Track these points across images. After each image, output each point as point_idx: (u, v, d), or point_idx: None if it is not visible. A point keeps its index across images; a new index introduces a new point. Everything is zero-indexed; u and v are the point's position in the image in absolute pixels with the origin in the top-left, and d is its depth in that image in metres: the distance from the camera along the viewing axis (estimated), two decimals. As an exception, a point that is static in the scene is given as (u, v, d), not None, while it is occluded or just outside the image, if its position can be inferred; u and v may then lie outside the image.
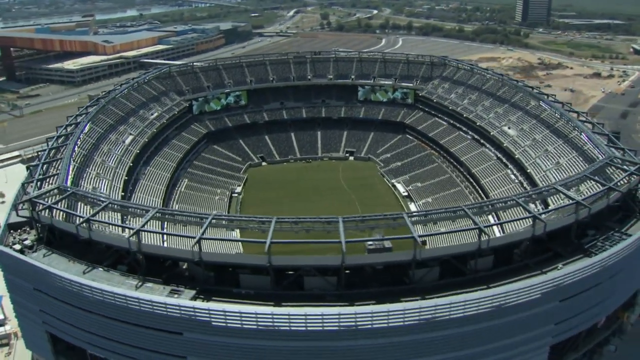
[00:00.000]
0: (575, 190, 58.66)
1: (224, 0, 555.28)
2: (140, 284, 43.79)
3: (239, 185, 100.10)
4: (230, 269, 44.36)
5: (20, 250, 49.21)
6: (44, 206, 50.10)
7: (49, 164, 63.25)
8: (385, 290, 43.35)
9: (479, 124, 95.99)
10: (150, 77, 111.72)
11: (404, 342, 39.99)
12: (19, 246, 49.90)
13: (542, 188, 55.36)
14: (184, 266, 48.25)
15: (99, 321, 44.39)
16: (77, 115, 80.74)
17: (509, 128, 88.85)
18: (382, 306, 39.00)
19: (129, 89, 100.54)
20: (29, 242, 50.76)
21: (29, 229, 52.94)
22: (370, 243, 44.27)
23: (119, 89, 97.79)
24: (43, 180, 58.05)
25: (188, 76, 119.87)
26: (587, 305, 47.30)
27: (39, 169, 59.76)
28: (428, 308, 39.19)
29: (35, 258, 47.80)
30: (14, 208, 53.11)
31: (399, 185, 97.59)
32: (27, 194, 53.11)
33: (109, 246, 47.24)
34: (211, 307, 40.28)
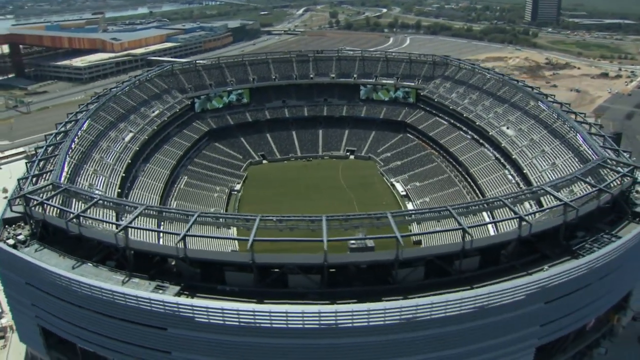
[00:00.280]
0: (570, 191, 58.50)
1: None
2: (126, 279, 44.43)
3: (239, 183, 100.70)
4: (216, 266, 44.64)
5: (13, 245, 50.08)
6: (36, 202, 50.90)
7: (46, 161, 64.20)
8: (368, 289, 43.54)
9: (478, 123, 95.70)
10: (153, 75, 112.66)
11: (385, 342, 40.25)
12: (12, 241, 50.77)
13: (531, 189, 55.19)
14: (173, 262, 48.76)
15: (87, 315, 45.17)
16: (77, 113, 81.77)
17: (507, 128, 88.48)
18: (363, 305, 39.25)
19: (130, 86, 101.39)
20: (22, 237, 51.64)
21: (23, 224, 53.84)
22: (353, 242, 44.47)
23: (120, 86, 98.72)
24: (39, 176, 59.00)
25: (191, 74, 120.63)
26: (574, 307, 47.15)
27: (34, 165, 60.71)
28: (409, 308, 39.39)
29: (27, 253, 48.63)
30: (9, 204, 53.96)
31: (398, 185, 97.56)
32: (22, 190, 54.02)
33: (98, 242, 47.87)
34: (194, 304, 40.82)
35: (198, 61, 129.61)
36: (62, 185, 54.14)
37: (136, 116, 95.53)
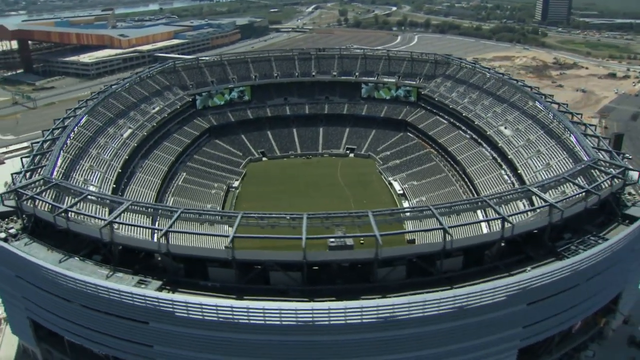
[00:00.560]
0: (562, 192, 58.09)
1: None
2: (111, 273, 45.04)
3: (237, 180, 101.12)
4: (199, 262, 45.07)
5: (4, 239, 51.09)
6: (27, 197, 51.70)
7: (41, 156, 65.11)
8: (349, 287, 43.76)
9: (477, 123, 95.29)
10: (155, 72, 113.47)
11: (363, 340, 40.39)
12: (3, 234, 51.83)
13: (516, 189, 54.94)
14: (159, 258, 49.27)
15: (73, 309, 45.91)
16: (76, 109, 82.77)
17: (505, 128, 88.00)
18: (340, 303, 39.43)
19: (131, 83, 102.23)
20: (13, 231, 52.66)
21: (16, 218, 54.75)
22: (332, 240, 44.60)
23: (121, 82, 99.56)
24: (33, 171, 59.90)
25: (193, 71, 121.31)
26: (558, 309, 46.95)
27: (29, 160, 61.64)
28: (386, 306, 39.50)
29: (16, 246, 49.52)
30: (1, 198, 54.85)
31: (396, 183, 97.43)
32: (14, 185, 54.92)
33: (86, 237, 48.50)
34: (174, 298, 41.34)
35: (201, 58, 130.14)
36: (53, 180, 54.90)
37: (136, 112, 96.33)
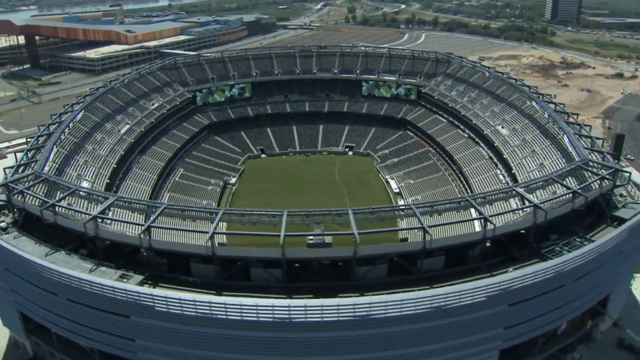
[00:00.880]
0: (552, 193, 57.68)
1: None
2: (94, 267, 45.51)
3: (234, 177, 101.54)
4: (182, 258, 45.42)
5: (-6, 232, 51.73)
6: (17, 191, 52.35)
7: (36, 150, 65.79)
8: (330, 285, 43.87)
9: (474, 122, 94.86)
10: (155, 68, 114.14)
11: (339, 338, 40.51)
12: (-6, 227, 52.44)
13: (501, 189, 54.68)
14: (144, 253, 49.69)
15: (59, 302, 46.49)
16: (74, 104, 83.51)
17: (502, 127, 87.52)
18: (316, 300, 39.59)
19: (130, 79, 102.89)
20: (4, 225, 53.31)
21: (7, 212, 55.44)
22: (311, 238, 44.70)
23: (120, 78, 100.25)
24: (26, 165, 60.58)
25: (194, 67, 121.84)
26: (541, 310, 46.65)
27: (23, 154, 62.39)
28: (362, 305, 39.55)
29: (5, 240, 50.10)
30: (-8, 192, 55.56)
31: (392, 182, 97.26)
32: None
33: (72, 231, 49.04)
34: (154, 293, 41.72)
35: (204, 54, 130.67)
36: (43, 175, 55.46)
37: (135, 108, 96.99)
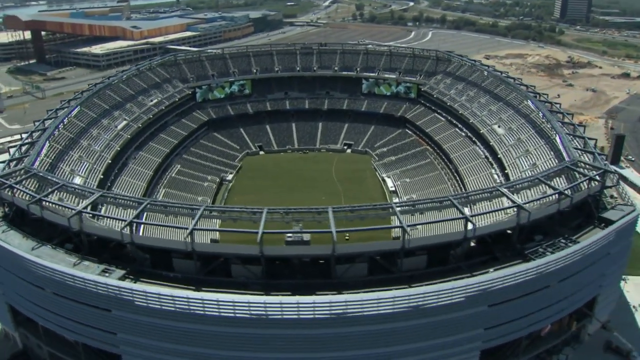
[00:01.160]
0: (542, 193, 57.28)
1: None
2: (78, 261, 45.98)
3: (231, 173, 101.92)
4: (164, 253, 45.76)
5: (-18, 225, 52.39)
6: (6, 185, 52.99)
7: (30, 145, 66.48)
8: (309, 282, 43.96)
9: (471, 121, 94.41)
10: (155, 64, 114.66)
11: (316, 335, 40.68)
12: (-17, 221, 53.11)
13: (484, 189, 54.43)
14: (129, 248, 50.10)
15: (44, 295, 47.10)
16: (71, 100, 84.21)
17: (498, 127, 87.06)
18: (293, 297, 39.73)
19: (129, 75, 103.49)
20: (-6, 219, 53.94)
21: (-1, 206, 56.12)
22: (289, 235, 44.85)
23: (119, 74, 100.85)
24: (19, 160, 61.26)
25: (194, 64, 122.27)
26: (523, 312, 46.47)
27: (16, 149, 63.12)
28: (339, 303, 39.68)
29: (-7, 233, 50.76)
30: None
31: (389, 180, 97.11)
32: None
33: (58, 225, 49.57)
34: (134, 288, 42.15)
35: (208, 50, 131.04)
36: (32, 170, 56.06)
37: (133, 105, 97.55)
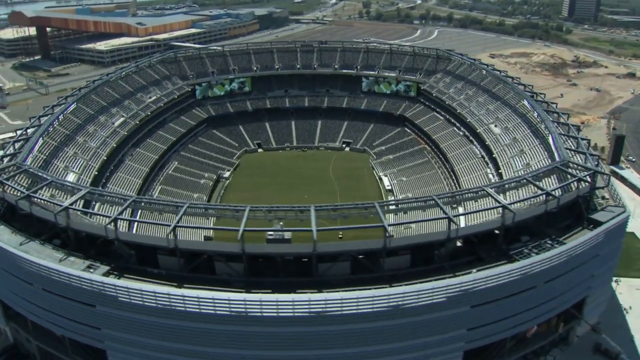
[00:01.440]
0: (534, 193, 56.97)
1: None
2: (64, 257, 46.40)
3: (229, 171, 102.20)
4: (149, 250, 46.07)
5: (-26, 220, 52.95)
6: (-4, 181, 53.55)
7: (25, 141, 67.03)
8: (292, 280, 44.07)
9: (469, 120, 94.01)
10: (155, 61, 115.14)
11: (293, 333, 40.83)
12: (-26, 216, 53.71)
13: (470, 189, 54.20)
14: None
15: (31, 290, 47.57)
16: (68, 97, 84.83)
17: (495, 126, 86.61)
18: (272, 295, 39.90)
19: (128, 72, 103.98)
20: (-14, 214, 54.48)
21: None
22: (271, 233, 45.00)
23: (117, 71, 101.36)
24: (13, 156, 61.81)
25: (194, 61, 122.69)
26: (507, 313, 46.26)
27: (9, 145, 63.74)
28: (317, 301, 39.75)
29: (-18, 228, 51.29)
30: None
31: (386, 179, 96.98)
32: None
33: (47, 221, 50.04)
34: (117, 283, 42.53)
35: (211, 47, 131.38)
36: (24, 166, 56.57)
37: (131, 101, 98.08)
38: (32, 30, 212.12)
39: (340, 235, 60.78)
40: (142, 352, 44.06)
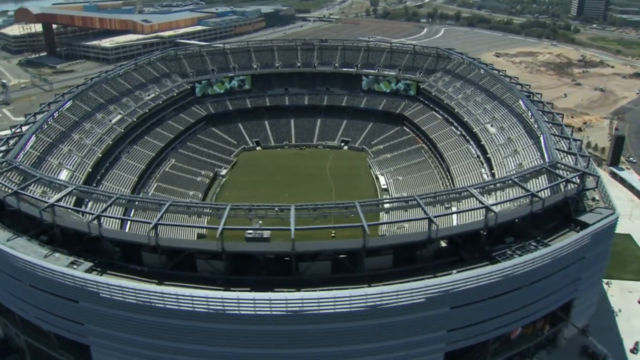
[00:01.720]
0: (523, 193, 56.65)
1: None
2: (49, 253, 46.90)
3: (226, 168, 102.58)
4: (133, 247, 46.46)
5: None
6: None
7: (19, 138, 67.72)
8: (273, 279, 44.25)
9: (466, 119, 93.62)
10: (155, 59, 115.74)
11: (273, 332, 40.99)
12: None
13: (454, 189, 53.99)
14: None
15: (17, 285, 48.18)
16: (65, 94, 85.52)
17: (491, 125, 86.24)
18: (249, 294, 40.10)
19: (127, 69, 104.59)
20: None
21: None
22: (250, 232, 45.17)
23: (116, 69, 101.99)
24: (6, 153, 62.48)
25: (194, 59, 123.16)
26: (489, 314, 46.02)
27: (3, 142, 64.44)
28: (294, 300, 39.88)
29: (-28, 224, 51.93)
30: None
31: (382, 178, 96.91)
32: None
33: (35, 218, 50.58)
34: (99, 280, 42.92)
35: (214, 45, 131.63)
36: (14, 163, 57.19)
37: (129, 99, 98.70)
38: (39, 27, 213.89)
39: (333, 234, 61.02)
40: (125, 348, 44.47)
